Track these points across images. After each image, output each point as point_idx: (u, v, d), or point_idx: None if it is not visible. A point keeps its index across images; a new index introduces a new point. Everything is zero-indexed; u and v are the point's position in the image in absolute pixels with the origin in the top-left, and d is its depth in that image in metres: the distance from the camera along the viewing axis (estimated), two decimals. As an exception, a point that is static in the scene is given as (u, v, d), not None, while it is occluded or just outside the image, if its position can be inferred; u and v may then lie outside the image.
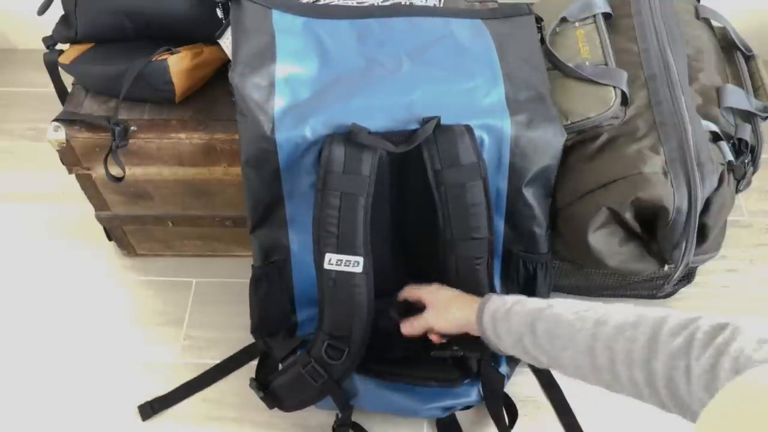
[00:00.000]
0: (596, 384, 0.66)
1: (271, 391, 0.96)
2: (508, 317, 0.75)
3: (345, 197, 0.84)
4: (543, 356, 0.72)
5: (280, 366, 0.97)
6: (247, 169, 0.89)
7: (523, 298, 0.77)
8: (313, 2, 1.02)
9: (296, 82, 0.89)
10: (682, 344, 0.55)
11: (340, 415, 0.98)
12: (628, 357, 0.60)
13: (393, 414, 1.04)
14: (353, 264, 0.85)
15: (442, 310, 0.86)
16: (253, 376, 1.00)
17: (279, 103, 0.87)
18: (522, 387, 1.09)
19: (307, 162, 0.87)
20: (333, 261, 0.85)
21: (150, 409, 1.07)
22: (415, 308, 0.92)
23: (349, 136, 0.84)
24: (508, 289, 0.99)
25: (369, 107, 0.87)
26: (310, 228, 0.87)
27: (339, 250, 0.85)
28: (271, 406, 0.98)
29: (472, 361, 0.96)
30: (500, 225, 0.95)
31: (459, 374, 0.97)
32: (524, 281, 0.99)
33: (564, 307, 0.70)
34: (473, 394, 0.99)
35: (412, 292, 0.92)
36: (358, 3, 1.02)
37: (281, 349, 0.96)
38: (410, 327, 0.89)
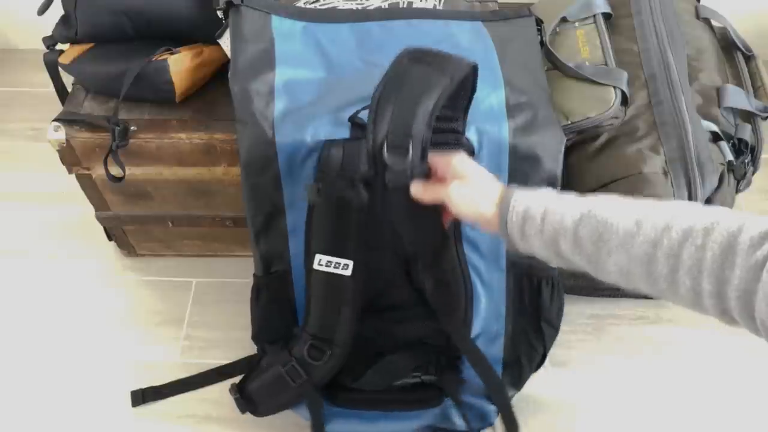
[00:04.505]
0: (642, 289, 0.62)
1: (247, 393, 0.95)
2: (543, 218, 0.66)
3: (339, 199, 0.84)
4: (581, 260, 0.65)
5: None
6: (247, 176, 0.88)
7: (554, 194, 0.69)
8: (313, 6, 1.02)
9: (296, 87, 0.88)
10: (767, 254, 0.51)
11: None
12: (696, 266, 0.55)
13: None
14: (342, 267, 0.84)
15: (468, 190, 0.71)
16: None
17: (279, 108, 0.86)
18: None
19: (307, 169, 0.87)
20: (322, 262, 0.85)
21: (141, 397, 1.07)
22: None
23: (353, 119, 0.82)
24: (514, 308, 0.97)
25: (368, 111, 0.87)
26: None
27: (329, 252, 0.85)
28: (243, 410, 0.96)
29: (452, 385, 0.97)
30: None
31: (438, 393, 0.97)
32: (530, 299, 0.97)
33: (612, 208, 0.63)
34: (457, 418, 0.99)
35: (436, 158, 0.75)
36: (358, 5, 1.02)
37: (273, 357, 0.95)
38: (426, 193, 0.72)
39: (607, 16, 1.04)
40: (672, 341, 1.15)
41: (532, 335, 0.97)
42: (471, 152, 0.89)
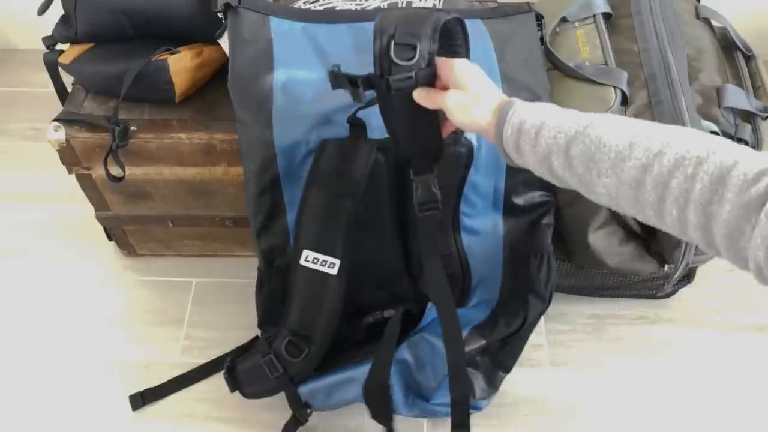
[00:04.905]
0: (631, 214, 0.60)
1: (236, 374, 0.96)
2: (538, 132, 0.64)
3: (332, 197, 0.84)
4: (572, 179, 0.63)
5: None
6: (247, 177, 0.89)
7: (555, 109, 0.66)
8: (312, 7, 1.02)
9: (294, 88, 0.88)
10: (763, 194, 0.47)
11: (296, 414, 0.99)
12: (683, 196, 0.53)
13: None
14: (329, 265, 0.84)
15: (464, 98, 0.69)
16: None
17: (278, 108, 0.87)
18: (520, 386, 1.09)
19: (307, 170, 0.87)
20: (309, 258, 0.85)
21: (140, 400, 1.07)
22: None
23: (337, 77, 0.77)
24: (507, 282, 0.99)
25: (366, 111, 0.87)
26: None
27: (317, 249, 0.85)
28: (231, 389, 0.98)
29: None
30: (499, 221, 0.95)
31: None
32: (520, 271, 0.98)
33: (608, 128, 0.60)
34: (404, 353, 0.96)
35: (440, 62, 0.73)
36: (357, 5, 1.02)
37: (260, 344, 0.96)
38: (428, 98, 0.71)
39: (607, 16, 1.04)
40: (672, 341, 1.15)
41: (516, 303, 0.97)
42: (470, 152, 0.89)
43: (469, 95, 0.69)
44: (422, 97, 0.70)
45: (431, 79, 0.71)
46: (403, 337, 0.96)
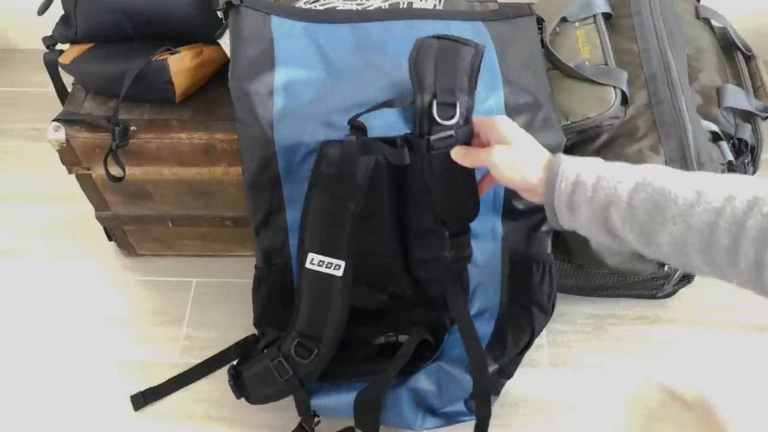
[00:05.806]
0: (695, 262, 0.59)
1: (241, 380, 0.96)
2: (596, 184, 0.62)
3: (334, 200, 0.84)
4: (630, 231, 0.61)
5: None
6: (246, 176, 0.89)
7: (603, 162, 0.65)
8: (313, 6, 1.02)
9: (295, 88, 0.88)
10: None
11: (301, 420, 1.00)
12: (761, 236, 0.53)
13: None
14: (334, 267, 0.85)
15: (512, 154, 0.67)
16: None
17: (278, 108, 0.87)
18: (520, 386, 1.09)
19: (306, 170, 0.87)
20: (315, 261, 0.85)
21: (142, 400, 1.07)
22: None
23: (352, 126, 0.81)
24: (507, 290, 0.98)
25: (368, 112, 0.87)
26: None
27: (322, 252, 0.85)
28: (237, 396, 0.97)
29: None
30: (498, 224, 0.96)
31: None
32: (521, 281, 0.98)
33: (667, 177, 0.60)
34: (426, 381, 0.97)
35: (478, 119, 0.73)
36: (358, 5, 1.02)
37: (268, 339, 0.96)
38: (467, 157, 0.70)
39: (607, 16, 1.04)
40: (672, 341, 1.15)
41: (521, 316, 0.97)
42: None
43: (518, 151, 0.67)
44: (461, 155, 0.69)
45: (469, 137, 0.70)
46: (418, 364, 0.97)
